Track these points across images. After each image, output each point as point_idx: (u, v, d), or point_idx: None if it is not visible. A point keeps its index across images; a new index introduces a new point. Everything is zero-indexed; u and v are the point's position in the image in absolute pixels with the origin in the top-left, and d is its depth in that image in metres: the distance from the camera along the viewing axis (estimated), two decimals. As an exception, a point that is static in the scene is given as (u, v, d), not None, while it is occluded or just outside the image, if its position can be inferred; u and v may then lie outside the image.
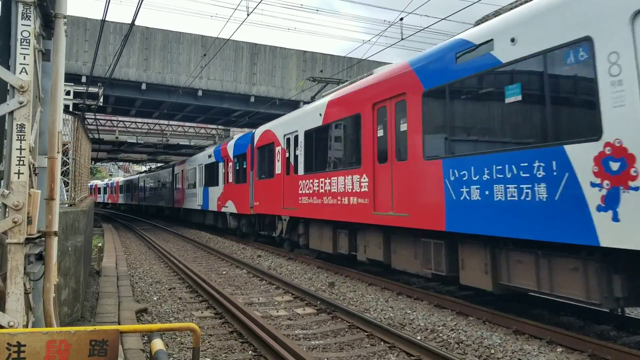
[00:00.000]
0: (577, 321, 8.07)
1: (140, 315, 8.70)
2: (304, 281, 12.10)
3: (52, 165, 4.43)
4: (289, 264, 14.68)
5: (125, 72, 25.58)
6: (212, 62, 25.89)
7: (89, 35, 24.50)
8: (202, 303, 9.92)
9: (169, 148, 48.31)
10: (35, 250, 4.31)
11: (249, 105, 29.41)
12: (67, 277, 7.42)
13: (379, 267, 12.42)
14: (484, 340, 6.91)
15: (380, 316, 8.55)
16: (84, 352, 3.15)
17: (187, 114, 34.27)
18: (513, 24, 7.35)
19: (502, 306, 8.79)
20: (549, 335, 6.91)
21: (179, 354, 6.65)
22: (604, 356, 6.11)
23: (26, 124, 3.95)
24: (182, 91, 26.20)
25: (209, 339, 7.42)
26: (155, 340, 3.48)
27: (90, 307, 8.90)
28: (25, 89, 3.95)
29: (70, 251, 7.60)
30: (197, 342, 3.65)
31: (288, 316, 8.88)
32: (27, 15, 4.06)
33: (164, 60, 26.49)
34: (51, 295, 4.32)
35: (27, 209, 3.95)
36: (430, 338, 7.30)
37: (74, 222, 7.96)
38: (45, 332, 3.14)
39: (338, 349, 7.02)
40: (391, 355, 6.65)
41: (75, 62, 24.20)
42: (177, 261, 14.73)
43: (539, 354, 6.29)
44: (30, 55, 4.03)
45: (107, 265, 13.22)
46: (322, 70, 29.03)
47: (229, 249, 19.22)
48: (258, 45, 28.79)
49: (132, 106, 31.84)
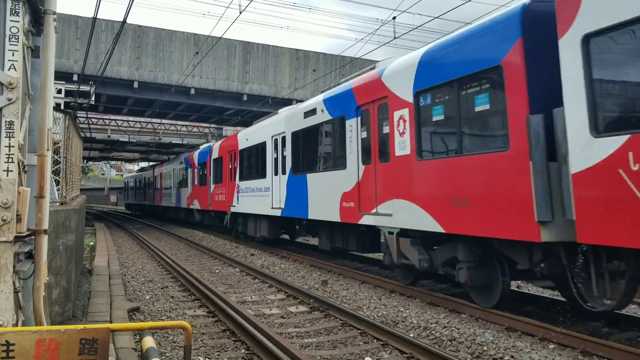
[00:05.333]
0: (569, 318, 8.10)
1: (133, 314, 8.65)
2: (297, 279, 12.09)
3: (41, 163, 4.39)
4: (282, 263, 14.66)
5: (117, 71, 25.46)
6: (205, 61, 25.82)
7: (80, 33, 24.36)
8: (194, 302, 9.89)
9: (161, 147, 48.14)
10: (24, 248, 4.27)
11: (241, 103, 29.36)
12: (58, 276, 7.36)
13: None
14: (477, 337, 6.92)
15: (373, 314, 8.55)
16: (74, 350, 3.12)
17: (180, 113, 34.17)
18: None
19: (495, 304, 8.81)
20: (541, 332, 6.93)
21: (171, 353, 6.62)
22: (596, 353, 6.14)
23: (15, 121, 3.91)
24: (175, 89, 26.11)
25: (202, 337, 7.39)
26: (146, 338, 3.46)
27: (82, 306, 8.85)
28: (14, 85, 3.91)
29: (61, 250, 7.54)
30: (188, 340, 3.63)
31: (281, 314, 8.87)
32: (16, 11, 4.02)
33: (156, 59, 26.38)
34: (41, 293, 4.28)
35: (17, 206, 3.91)
36: (423, 335, 7.31)
37: (65, 220, 7.90)
38: (35, 330, 3.11)
39: (331, 346, 7.01)
40: (384, 352, 6.65)
41: (67, 61, 24.07)
42: (170, 260, 14.68)
43: (531, 351, 6.31)
44: (19, 51, 3.99)
45: (99, 264, 13.15)
46: (315, 69, 29.03)
47: (222, 248, 19.18)
48: (250, 44, 28.73)
49: (124, 105, 31.71)
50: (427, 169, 8.91)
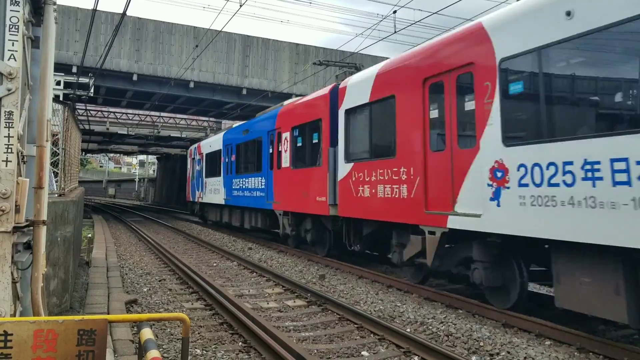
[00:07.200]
0: (566, 315, 8.11)
1: (130, 306, 8.66)
2: (294, 273, 12.12)
3: (40, 154, 4.38)
4: (279, 257, 14.69)
5: (116, 63, 25.41)
6: (204, 54, 25.76)
7: (80, 25, 24.29)
8: (192, 295, 9.90)
9: (160, 140, 48.02)
10: (23, 239, 4.27)
11: (241, 97, 29.31)
12: (56, 267, 7.36)
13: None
14: (473, 332, 6.95)
15: (370, 308, 8.57)
16: (71, 341, 3.12)
17: (179, 106, 34.13)
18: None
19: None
20: (537, 328, 6.96)
21: (168, 345, 6.63)
22: (592, 349, 6.16)
23: (14, 111, 3.90)
24: (174, 83, 26.06)
25: (199, 330, 7.41)
26: (144, 330, 3.46)
27: (80, 298, 8.85)
28: (14, 75, 3.89)
29: (59, 241, 7.54)
30: (186, 332, 3.64)
31: (278, 308, 8.89)
32: (16, 1, 3.99)
33: (156, 51, 26.32)
34: (39, 284, 4.28)
35: (15, 197, 3.91)
36: (420, 330, 7.33)
37: (64, 212, 7.90)
38: (33, 321, 3.12)
39: (328, 340, 7.03)
40: (381, 347, 6.67)
41: (66, 52, 24.00)
42: (168, 253, 14.69)
43: (528, 347, 6.34)
44: (19, 41, 3.97)
45: (97, 256, 13.15)
46: (315, 63, 28.93)
47: (219, 242, 19.20)
48: (250, 37, 28.66)
49: (123, 97, 31.66)
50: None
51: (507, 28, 7.34)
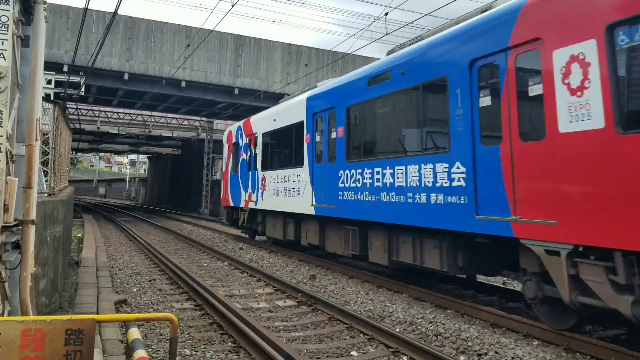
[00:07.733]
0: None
1: (120, 306, 8.64)
2: (285, 274, 12.12)
3: (29, 153, 4.38)
4: (270, 257, 14.69)
5: (107, 62, 25.27)
6: (196, 53, 25.69)
7: (71, 23, 24.15)
8: (182, 295, 9.89)
9: (151, 139, 47.88)
10: (11, 238, 4.26)
11: (233, 97, 29.24)
12: (45, 267, 7.33)
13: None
14: (462, 332, 7.00)
15: (360, 308, 8.60)
16: (59, 341, 3.13)
17: (171, 105, 33.99)
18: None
19: (480, 300, 8.91)
20: (525, 328, 7.01)
21: (157, 345, 6.63)
22: (579, 350, 6.23)
23: (3, 110, 3.89)
24: (165, 82, 25.97)
25: (189, 330, 7.40)
26: (131, 330, 3.47)
27: (69, 298, 8.82)
28: (3, 74, 3.89)
29: (48, 241, 7.51)
30: (174, 333, 3.65)
31: (269, 308, 8.90)
32: (6, 0, 3.99)
33: (147, 50, 26.21)
34: (27, 284, 4.27)
35: (4, 196, 3.90)
36: (409, 330, 7.37)
37: (53, 211, 7.87)
38: (21, 320, 3.12)
39: (318, 340, 7.05)
40: (370, 347, 6.70)
41: (57, 51, 23.84)
42: (158, 253, 14.64)
43: (516, 347, 6.39)
44: (9, 40, 3.97)
45: (86, 256, 13.09)
46: (307, 64, 28.99)
47: (210, 242, 19.16)
48: (243, 37, 28.62)
49: (115, 96, 31.49)
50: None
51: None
